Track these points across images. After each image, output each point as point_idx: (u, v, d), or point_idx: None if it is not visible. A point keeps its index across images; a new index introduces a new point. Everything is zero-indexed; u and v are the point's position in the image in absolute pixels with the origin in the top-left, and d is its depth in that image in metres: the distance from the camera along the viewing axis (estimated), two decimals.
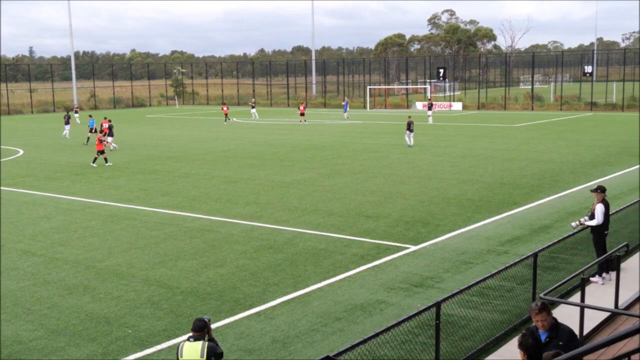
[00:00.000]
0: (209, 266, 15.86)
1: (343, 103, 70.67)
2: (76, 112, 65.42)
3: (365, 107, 78.09)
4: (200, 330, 8.03)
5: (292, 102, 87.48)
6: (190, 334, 8.08)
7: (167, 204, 23.40)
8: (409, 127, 38.43)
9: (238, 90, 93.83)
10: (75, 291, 14.29)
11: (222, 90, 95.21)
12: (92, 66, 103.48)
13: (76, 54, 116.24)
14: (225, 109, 61.95)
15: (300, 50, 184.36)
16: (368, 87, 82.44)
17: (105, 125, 39.61)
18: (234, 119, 59.04)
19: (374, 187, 25.63)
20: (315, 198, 23.83)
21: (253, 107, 67.39)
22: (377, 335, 8.56)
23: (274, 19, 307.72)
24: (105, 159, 33.16)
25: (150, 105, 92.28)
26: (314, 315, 12.62)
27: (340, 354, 7.93)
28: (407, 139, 38.66)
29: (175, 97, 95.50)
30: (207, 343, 7.99)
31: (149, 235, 18.94)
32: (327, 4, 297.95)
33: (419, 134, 45.19)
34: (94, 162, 32.86)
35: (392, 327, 8.86)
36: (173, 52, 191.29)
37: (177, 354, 8.03)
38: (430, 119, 56.46)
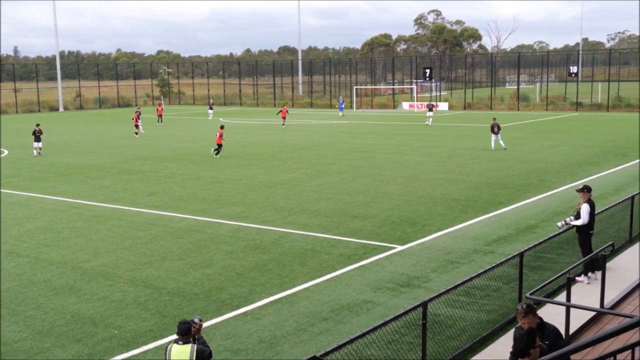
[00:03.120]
0: (196, 266, 15.80)
1: (339, 102, 70.78)
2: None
3: (352, 107, 78.11)
4: (186, 333, 7.95)
5: (278, 102, 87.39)
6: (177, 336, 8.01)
7: (153, 204, 23.30)
8: (493, 129, 36.58)
9: (224, 90, 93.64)
10: (61, 292, 14.20)
11: (209, 90, 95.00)
12: (77, 66, 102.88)
13: (61, 54, 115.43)
14: (160, 108, 62.01)
15: (287, 50, 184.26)
16: (355, 87, 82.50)
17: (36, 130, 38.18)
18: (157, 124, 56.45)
19: (361, 187, 25.65)
20: (302, 198, 23.81)
21: (211, 109, 66.50)
22: (363, 335, 8.55)
23: (260, 18, 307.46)
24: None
25: (136, 105, 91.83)
26: (300, 315, 12.61)
27: (327, 354, 7.92)
28: (492, 143, 36.60)
29: (162, 97, 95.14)
30: (196, 346, 7.93)
31: (135, 236, 18.86)
32: (314, 3, 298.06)
33: (406, 135, 45.34)
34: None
35: (379, 327, 8.86)
36: (159, 52, 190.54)
37: (165, 355, 7.98)
38: (430, 120, 54.55)
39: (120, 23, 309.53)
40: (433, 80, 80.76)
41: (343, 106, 68.83)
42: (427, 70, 78.79)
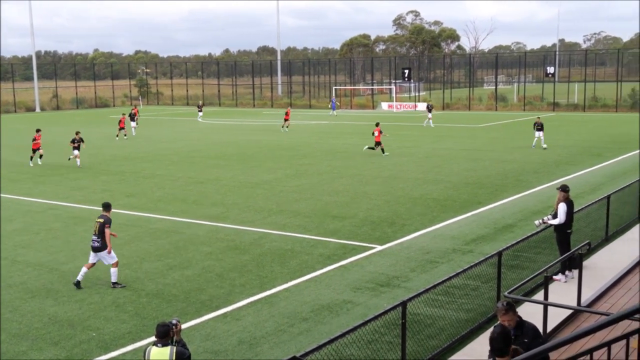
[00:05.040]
0: (175, 268, 15.73)
1: (331, 101, 70.82)
2: None
3: (331, 107, 78.14)
4: (165, 335, 7.91)
5: (257, 102, 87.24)
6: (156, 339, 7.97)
7: (131, 205, 23.15)
8: (536, 127, 36.45)
9: (203, 91, 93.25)
10: (38, 294, 14.07)
11: (187, 91, 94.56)
12: (54, 66, 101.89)
13: (38, 54, 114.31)
14: (135, 110, 56.96)
15: (266, 50, 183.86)
16: (334, 87, 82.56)
17: None
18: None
19: (340, 188, 25.68)
20: (282, 199, 23.79)
21: (200, 110, 65.42)
22: (343, 335, 8.57)
23: (239, 19, 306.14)
24: None
25: (114, 106, 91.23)
26: (280, 315, 12.60)
27: (307, 354, 7.93)
28: (534, 140, 36.54)
29: (140, 98, 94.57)
30: (175, 348, 7.89)
31: (113, 237, 18.68)
32: (292, 4, 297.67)
33: (385, 135, 45.41)
34: None
35: (359, 326, 8.88)
36: (137, 52, 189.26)
37: (144, 358, 7.93)
38: (430, 121, 52.82)
39: (97, 23, 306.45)
40: (412, 80, 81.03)
41: (335, 106, 68.98)
42: (406, 71, 79.03)
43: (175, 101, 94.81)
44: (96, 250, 14.39)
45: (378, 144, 34.74)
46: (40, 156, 33.91)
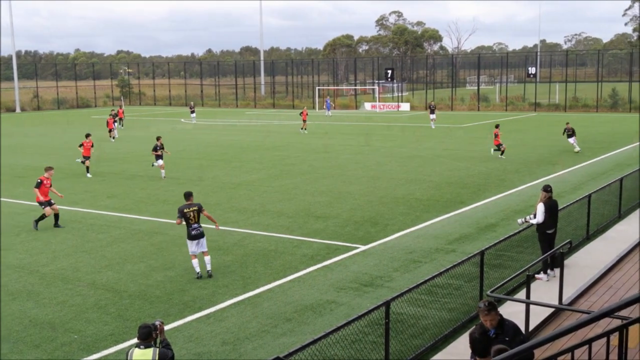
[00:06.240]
0: (157, 269, 15.66)
1: (325, 102, 70.82)
2: None
3: (314, 107, 78.13)
4: (147, 337, 7.87)
5: (240, 102, 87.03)
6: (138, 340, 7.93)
7: (113, 206, 23.02)
8: (566, 132, 35.57)
9: (186, 91, 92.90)
10: (19, 297, 13.94)
11: (170, 91, 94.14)
12: (34, 66, 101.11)
13: (18, 54, 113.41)
14: (120, 111, 56.04)
15: (249, 50, 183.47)
16: (317, 87, 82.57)
17: None
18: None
19: (323, 188, 25.68)
20: (265, 199, 23.75)
21: (193, 112, 64.13)
22: (327, 335, 8.57)
23: (222, 19, 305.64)
24: None
25: (95, 106, 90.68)
26: (264, 316, 12.58)
27: (290, 354, 7.92)
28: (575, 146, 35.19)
29: (122, 98, 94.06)
30: (158, 349, 7.86)
31: (95, 239, 18.61)
32: (275, 4, 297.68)
33: (368, 135, 45.48)
34: None
35: (342, 326, 8.89)
36: (119, 52, 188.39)
37: None
38: (432, 123, 50.72)
39: (78, 22, 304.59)
40: (395, 81, 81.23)
41: (330, 106, 69.04)
42: (389, 71, 79.21)
43: (158, 101, 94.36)
44: (200, 236, 14.94)
45: (499, 146, 33.08)
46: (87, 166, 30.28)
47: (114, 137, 45.98)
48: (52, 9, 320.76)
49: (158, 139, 29.63)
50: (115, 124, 48.47)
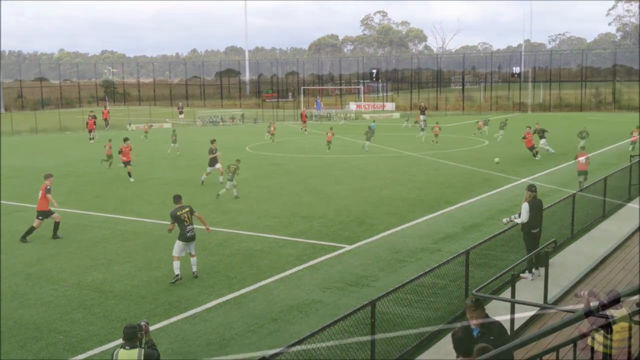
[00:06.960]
0: (143, 269, 15.60)
1: (316, 102, 70.90)
2: None
3: (299, 107, 78.08)
4: (132, 337, 7.84)
5: (225, 102, 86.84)
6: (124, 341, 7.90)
7: (99, 206, 22.90)
8: (537, 134, 35.42)
9: (171, 91, 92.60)
10: (3, 297, 13.83)
11: (154, 91, 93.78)
12: (18, 66, 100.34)
13: (2, 54, 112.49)
14: (105, 111, 56.03)
15: (234, 50, 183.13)
16: (302, 87, 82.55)
17: None
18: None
19: (309, 188, 25.68)
20: (251, 199, 23.72)
21: (181, 112, 63.94)
22: (313, 335, 8.57)
23: (206, 18, 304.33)
24: None
25: (80, 106, 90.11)
26: (249, 316, 12.56)
27: (276, 354, 7.92)
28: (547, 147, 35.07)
29: (106, 98, 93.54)
30: (143, 350, 7.83)
31: (80, 239, 18.51)
32: (259, 4, 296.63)
33: (354, 135, 45.52)
34: None
35: (328, 326, 8.89)
36: (103, 52, 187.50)
37: None
38: (424, 123, 47.72)
39: (62, 22, 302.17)
40: (380, 80, 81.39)
41: (321, 106, 69.24)
42: (374, 71, 79.36)
43: (142, 101, 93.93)
44: (194, 238, 15.05)
45: (532, 148, 32.85)
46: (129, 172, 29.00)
47: (93, 138, 45.82)
48: (37, 8, 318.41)
49: (212, 142, 28.05)
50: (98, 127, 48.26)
